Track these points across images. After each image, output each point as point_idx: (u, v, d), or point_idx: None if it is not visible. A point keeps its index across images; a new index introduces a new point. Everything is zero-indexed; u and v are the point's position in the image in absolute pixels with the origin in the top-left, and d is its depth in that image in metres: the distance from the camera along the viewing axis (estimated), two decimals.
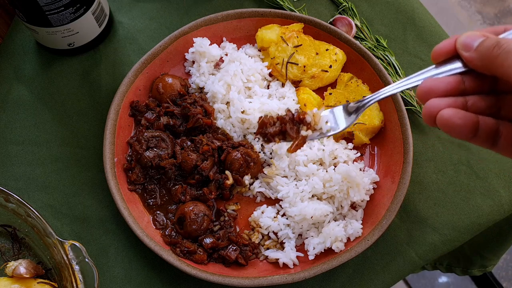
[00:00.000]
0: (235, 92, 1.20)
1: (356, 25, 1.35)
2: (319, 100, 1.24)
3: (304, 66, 1.23)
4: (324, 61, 1.24)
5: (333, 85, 1.28)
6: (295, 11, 1.35)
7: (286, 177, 1.16)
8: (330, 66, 1.23)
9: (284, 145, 1.15)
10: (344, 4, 1.39)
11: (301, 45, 1.24)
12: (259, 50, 1.31)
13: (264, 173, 1.17)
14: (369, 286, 1.12)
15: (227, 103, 1.23)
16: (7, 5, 1.36)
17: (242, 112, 1.18)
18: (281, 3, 1.38)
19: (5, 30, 1.37)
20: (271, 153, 1.20)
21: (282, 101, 1.21)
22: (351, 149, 1.20)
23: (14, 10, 1.26)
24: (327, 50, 1.25)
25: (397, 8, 1.41)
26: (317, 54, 1.24)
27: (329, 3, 1.42)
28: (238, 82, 1.21)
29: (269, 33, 1.26)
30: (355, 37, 1.36)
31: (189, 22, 1.28)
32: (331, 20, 1.37)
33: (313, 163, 1.15)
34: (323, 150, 1.16)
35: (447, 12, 3.17)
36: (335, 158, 1.17)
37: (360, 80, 1.24)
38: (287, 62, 1.23)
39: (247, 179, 1.15)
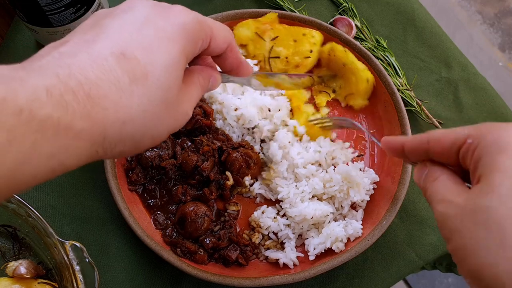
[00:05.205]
0: (225, 94, 1.20)
1: (356, 25, 1.35)
2: None
3: (286, 57, 1.22)
4: (303, 47, 1.23)
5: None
6: (295, 12, 1.35)
7: (286, 179, 1.16)
8: (311, 51, 1.22)
9: (278, 150, 1.15)
10: (344, 5, 1.40)
11: (277, 36, 1.22)
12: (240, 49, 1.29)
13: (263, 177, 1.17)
14: (369, 286, 1.12)
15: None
16: (8, 5, 1.36)
17: (235, 110, 1.18)
18: (281, 3, 1.38)
19: (6, 30, 1.37)
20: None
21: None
22: (347, 148, 1.20)
23: (14, 10, 1.26)
24: (304, 35, 1.23)
25: (397, 8, 1.41)
26: (295, 41, 1.23)
27: (329, 3, 1.42)
28: None
29: (245, 30, 1.23)
30: (355, 38, 1.36)
31: None
32: (331, 20, 1.38)
33: (312, 164, 1.15)
34: (319, 152, 1.15)
35: (447, 12, 3.18)
36: (333, 159, 1.17)
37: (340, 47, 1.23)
38: (269, 58, 1.22)
39: (247, 180, 1.15)
